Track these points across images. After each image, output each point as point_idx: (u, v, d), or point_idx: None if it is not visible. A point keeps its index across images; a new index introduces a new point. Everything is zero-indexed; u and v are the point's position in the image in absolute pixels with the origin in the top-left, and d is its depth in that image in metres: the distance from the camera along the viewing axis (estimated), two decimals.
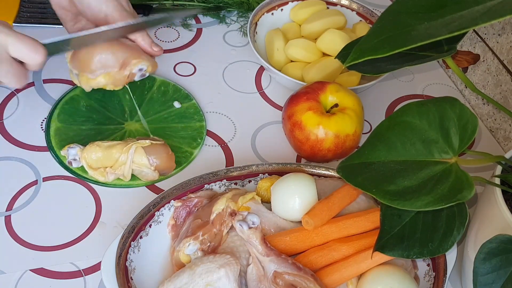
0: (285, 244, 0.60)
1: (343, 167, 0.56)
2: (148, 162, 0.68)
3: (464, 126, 0.52)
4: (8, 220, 0.65)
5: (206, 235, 0.59)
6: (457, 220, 0.52)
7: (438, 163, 0.53)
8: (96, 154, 0.68)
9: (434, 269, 0.60)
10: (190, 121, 0.78)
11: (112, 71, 0.70)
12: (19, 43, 0.60)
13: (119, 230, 0.65)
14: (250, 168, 0.68)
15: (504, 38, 0.79)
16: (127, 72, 0.70)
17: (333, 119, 0.70)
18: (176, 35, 0.93)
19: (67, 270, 0.62)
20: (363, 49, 0.48)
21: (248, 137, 0.79)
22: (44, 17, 0.90)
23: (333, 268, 0.58)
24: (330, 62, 0.82)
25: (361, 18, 0.93)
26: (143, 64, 0.71)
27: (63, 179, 0.70)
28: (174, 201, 0.63)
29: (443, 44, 0.57)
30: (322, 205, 0.61)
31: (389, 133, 0.55)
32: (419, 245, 0.52)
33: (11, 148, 0.73)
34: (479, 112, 0.87)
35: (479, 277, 0.49)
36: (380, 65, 0.59)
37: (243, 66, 0.90)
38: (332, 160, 0.74)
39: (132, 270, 0.58)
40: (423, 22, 0.47)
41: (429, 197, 0.49)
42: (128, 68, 0.70)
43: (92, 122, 0.76)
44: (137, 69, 0.71)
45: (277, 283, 0.55)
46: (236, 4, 0.96)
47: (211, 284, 0.54)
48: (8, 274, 0.61)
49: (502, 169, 0.58)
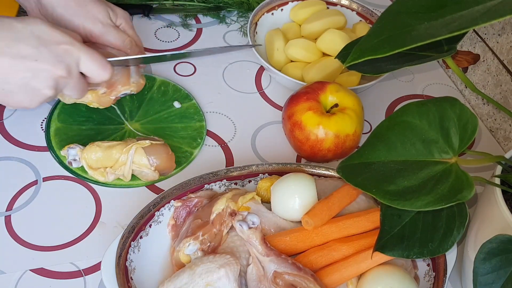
0: (285, 244, 0.60)
1: (343, 167, 0.56)
2: (148, 162, 0.68)
3: (464, 126, 0.52)
4: (8, 220, 0.65)
5: (206, 235, 0.59)
6: (457, 220, 0.52)
7: (438, 163, 0.53)
8: (96, 155, 0.68)
9: (434, 269, 0.60)
10: (190, 121, 0.78)
11: (98, 91, 0.70)
12: (91, 60, 0.61)
13: (119, 230, 0.65)
14: (250, 168, 0.68)
15: (504, 38, 0.79)
16: (113, 96, 0.71)
17: (333, 119, 0.70)
18: (176, 35, 0.93)
19: (67, 270, 0.62)
20: (363, 49, 0.48)
21: (248, 137, 0.79)
22: None
23: (333, 268, 0.58)
24: (330, 62, 0.82)
25: (361, 18, 0.93)
26: (130, 90, 0.72)
27: (63, 179, 0.70)
28: (174, 201, 0.63)
29: (443, 44, 0.57)
30: (322, 205, 0.61)
31: (389, 133, 0.55)
32: (419, 245, 0.52)
33: (11, 148, 0.73)
34: (479, 112, 0.87)
35: (479, 277, 0.49)
36: (380, 65, 0.59)
37: (243, 66, 0.90)
38: (332, 160, 0.74)
39: (132, 270, 0.58)
40: (423, 22, 0.47)
41: (429, 197, 0.50)
42: (114, 93, 0.71)
43: (92, 122, 0.76)
44: (123, 94, 0.72)
45: (277, 283, 0.55)
46: (236, 4, 0.97)
47: (211, 284, 0.54)
48: (8, 274, 0.61)
49: (502, 169, 0.58)
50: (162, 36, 0.92)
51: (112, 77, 0.67)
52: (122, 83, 0.71)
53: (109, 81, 0.68)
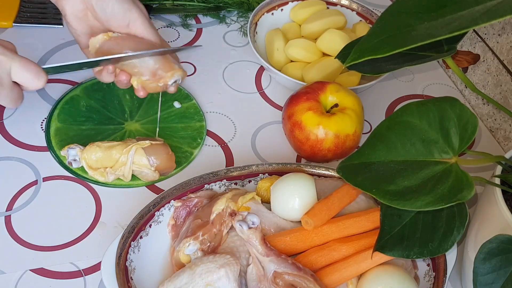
0: (285, 244, 0.60)
1: (343, 167, 0.56)
2: (148, 162, 0.68)
3: (464, 126, 0.52)
4: (8, 220, 0.65)
5: (206, 235, 0.59)
6: (457, 220, 0.52)
7: (438, 163, 0.53)
8: (96, 155, 0.68)
9: (434, 269, 0.60)
10: (190, 121, 0.78)
11: (144, 78, 0.68)
12: (23, 69, 0.60)
13: (119, 230, 0.65)
14: (250, 168, 0.68)
15: (504, 38, 0.79)
16: (161, 84, 0.68)
17: (333, 119, 0.70)
18: (176, 35, 0.93)
19: (67, 270, 0.62)
20: (363, 49, 0.48)
21: (248, 137, 0.79)
22: (44, 17, 0.90)
23: (333, 268, 0.58)
24: (330, 62, 0.82)
25: (361, 18, 0.93)
26: (177, 76, 0.69)
27: (63, 179, 0.70)
28: (174, 201, 0.63)
29: (443, 44, 0.57)
30: (322, 205, 0.61)
31: (389, 133, 0.55)
32: (419, 245, 0.52)
33: (11, 148, 0.73)
34: (479, 112, 0.87)
35: (479, 277, 0.49)
36: (380, 65, 0.59)
37: (243, 66, 0.90)
38: (332, 160, 0.74)
39: (132, 270, 0.58)
40: (423, 22, 0.47)
41: (429, 197, 0.49)
42: (162, 81, 0.68)
43: (92, 122, 0.76)
44: (172, 81, 0.68)
45: (277, 283, 0.55)
46: (236, 4, 0.96)
47: (211, 284, 0.54)
48: (8, 274, 0.61)
49: (502, 169, 0.58)
50: (162, 36, 0.91)
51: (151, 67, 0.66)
52: (166, 68, 0.68)
53: (151, 69, 0.67)
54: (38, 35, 0.88)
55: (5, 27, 0.88)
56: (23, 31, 0.88)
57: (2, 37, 0.87)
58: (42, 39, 0.87)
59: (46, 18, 0.90)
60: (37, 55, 0.85)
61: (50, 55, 0.85)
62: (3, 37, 0.87)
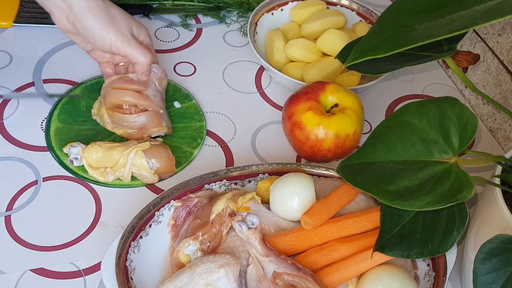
0: (285, 244, 0.60)
1: (343, 167, 0.56)
2: (148, 165, 0.68)
3: (464, 126, 0.52)
4: (8, 220, 0.65)
5: (206, 235, 0.59)
6: (457, 220, 0.52)
7: (438, 163, 0.53)
8: (97, 154, 0.68)
9: (434, 269, 0.60)
10: (190, 121, 0.78)
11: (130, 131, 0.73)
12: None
13: (119, 230, 0.65)
14: (250, 168, 0.68)
15: (504, 38, 0.79)
16: (146, 135, 0.74)
17: (333, 119, 0.70)
18: (176, 35, 0.93)
19: (67, 270, 0.62)
20: (363, 49, 0.48)
21: (248, 137, 0.79)
22: (44, 17, 0.90)
23: (333, 268, 0.58)
24: (330, 62, 0.82)
25: (361, 18, 0.93)
26: (162, 132, 0.74)
27: (63, 179, 0.70)
28: (174, 201, 0.63)
29: (443, 44, 0.57)
30: (320, 204, 0.61)
31: (389, 133, 0.55)
32: (419, 245, 0.52)
33: (11, 148, 0.73)
34: (479, 112, 0.87)
35: (479, 277, 0.49)
36: (380, 65, 0.59)
37: (243, 66, 0.90)
38: (332, 160, 0.74)
39: (132, 270, 0.58)
40: (423, 22, 0.47)
41: (429, 197, 0.49)
42: (147, 133, 0.73)
43: (92, 122, 0.76)
44: (155, 135, 0.74)
45: (277, 283, 0.55)
46: (236, 4, 0.96)
47: (211, 284, 0.54)
48: (8, 274, 0.61)
49: (502, 169, 0.58)
50: (162, 36, 0.92)
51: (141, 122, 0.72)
52: (154, 124, 0.73)
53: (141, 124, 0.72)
54: (38, 35, 0.88)
55: (5, 27, 0.88)
56: (23, 31, 0.88)
57: (2, 37, 0.87)
58: (42, 39, 0.87)
59: (46, 18, 0.90)
60: (37, 55, 0.85)
61: (50, 55, 0.85)
62: (3, 37, 0.87)
